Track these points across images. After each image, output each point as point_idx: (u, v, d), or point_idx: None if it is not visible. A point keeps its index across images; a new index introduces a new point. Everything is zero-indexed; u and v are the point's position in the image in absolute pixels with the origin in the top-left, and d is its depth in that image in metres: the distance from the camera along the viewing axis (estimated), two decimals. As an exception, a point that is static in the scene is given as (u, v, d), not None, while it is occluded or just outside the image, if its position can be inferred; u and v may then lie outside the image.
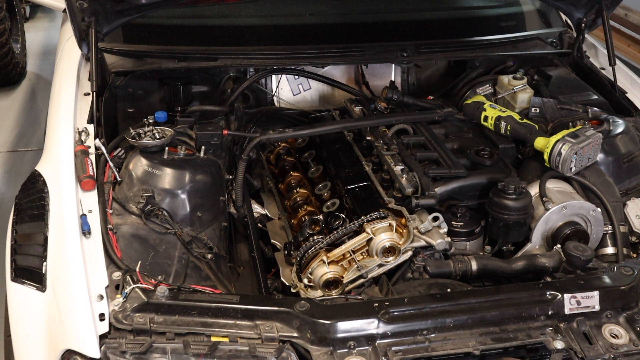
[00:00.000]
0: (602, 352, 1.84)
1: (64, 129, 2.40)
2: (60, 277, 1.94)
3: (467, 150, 2.57)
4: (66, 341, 1.81)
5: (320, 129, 2.71)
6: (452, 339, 1.85)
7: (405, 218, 2.25)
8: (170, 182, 2.28)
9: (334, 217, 2.36)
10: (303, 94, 3.26)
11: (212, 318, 1.83)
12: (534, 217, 2.34)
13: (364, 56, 2.96)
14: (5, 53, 5.80)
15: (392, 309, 1.87)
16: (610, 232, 2.39)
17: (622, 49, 6.27)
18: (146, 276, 1.94)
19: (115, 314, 1.82)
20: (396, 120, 2.73)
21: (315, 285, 2.21)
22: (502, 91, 2.94)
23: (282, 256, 2.47)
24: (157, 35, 3.02)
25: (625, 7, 6.37)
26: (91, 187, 2.19)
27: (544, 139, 2.46)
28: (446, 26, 3.32)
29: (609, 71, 3.05)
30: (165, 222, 2.21)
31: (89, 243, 2.02)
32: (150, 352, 1.76)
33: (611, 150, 2.55)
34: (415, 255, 2.24)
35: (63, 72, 2.79)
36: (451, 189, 2.40)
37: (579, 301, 1.93)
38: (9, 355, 1.95)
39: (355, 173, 2.55)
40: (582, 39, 3.19)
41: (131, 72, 2.83)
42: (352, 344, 1.82)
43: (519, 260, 2.23)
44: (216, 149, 2.55)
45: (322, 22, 3.25)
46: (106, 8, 2.61)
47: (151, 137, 2.39)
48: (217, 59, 2.83)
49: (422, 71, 3.36)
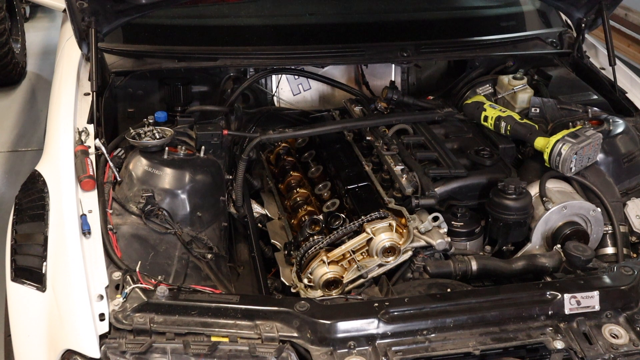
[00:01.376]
0: (602, 352, 1.84)
1: (64, 129, 2.40)
2: (60, 277, 1.94)
3: (467, 150, 2.57)
4: (66, 341, 1.81)
5: (320, 129, 2.71)
6: (452, 339, 1.85)
7: (405, 218, 2.25)
8: (170, 182, 2.28)
9: (334, 217, 2.36)
10: (303, 94, 3.26)
11: (212, 318, 1.83)
12: (534, 217, 2.34)
13: (364, 56, 2.96)
14: (5, 53, 5.80)
15: (392, 309, 1.87)
16: (610, 232, 2.39)
17: (622, 49, 6.27)
18: (146, 276, 1.94)
19: (115, 314, 1.82)
20: (396, 120, 2.74)
21: (315, 285, 2.21)
22: (502, 91, 2.94)
23: (282, 256, 2.47)
24: (157, 35, 3.02)
25: (625, 7, 6.37)
26: (91, 187, 2.19)
27: (544, 139, 2.46)
28: (446, 26, 3.32)
29: (609, 71, 3.05)
30: (165, 222, 2.21)
31: (89, 243, 2.02)
32: (150, 352, 1.75)
33: (611, 150, 2.55)
34: (415, 255, 2.24)
35: (63, 72, 2.79)
36: (451, 189, 2.40)
37: (579, 301, 1.93)
38: (9, 355, 1.95)
39: (355, 173, 2.55)
40: (582, 39, 3.19)
41: (131, 72, 2.83)
42: (352, 344, 1.82)
43: (519, 260, 2.23)
44: (216, 149, 2.55)
45: (322, 22, 3.25)
46: (106, 8, 2.61)
47: (151, 137, 2.39)
48: (217, 59, 2.83)
49: (422, 71, 3.36)
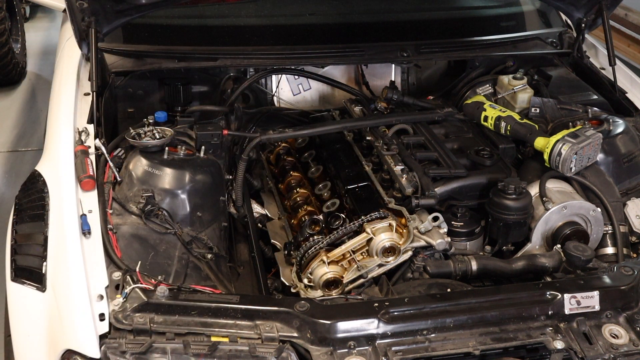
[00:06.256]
0: (602, 352, 1.84)
1: (64, 129, 2.40)
2: (60, 277, 1.94)
3: (467, 150, 2.57)
4: (66, 341, 1.81)
5: (320, 129, 2.71)
6: (452, 339, 1.85)
7: (405, 218, 2.25)
8: (170, 182, 2.28)
9: (334, 217, 2.36)
10: (303, 94, 3.26)
11: (212, 318, 1.83)
12: (534, 217, 2.34)
13: (364, 56, 2.96)
14: (5, 53, 5.80)
15: (392, 309, 1.87)
16: (610, 232, 2.39)
17: (622, 49, 6.27)
18: (146, 276, 1.94)
19: (115, 314, 1.82)
20: (396, 120, 2.74)
21: (315, 285, 2.21)
22: (502, 91, 2.94)
23: (282, 256, 2.47)
24: (157, 35, 3.02)
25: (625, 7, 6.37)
26: (91, 187, 2.19)
27: (544, 139, 2.46)
28: (446, 26, 3.32)
29: (609, 71, 3.05)
30: (165, 222, 2.21)
31: (89, 243, 2.02)
32: (150, 352, 1.76)
33: (611, 150, 2.55)
34: (415, 255, 2.24)
35: (63, 72, 2.79)
36: (451, 189, 2.40)
37: (579, 301, 1.93)
38: (9, 355, 1.95)
39: (355, 173, 2.55)
40: (582, 39, 3.19)
41: (131, 72, 2.83)
42: (352, 344, 1.82)
43: (519, 260, 2.23)
44: (216, 149, 2.55)
45: (322, 22, 3.25)
46: (106, 8, 2.60)
47: (151, 137, 2.39)
48: (217, 59, 2.83)
49: (422, 71, 3.36)
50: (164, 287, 1.88)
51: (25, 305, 1.94)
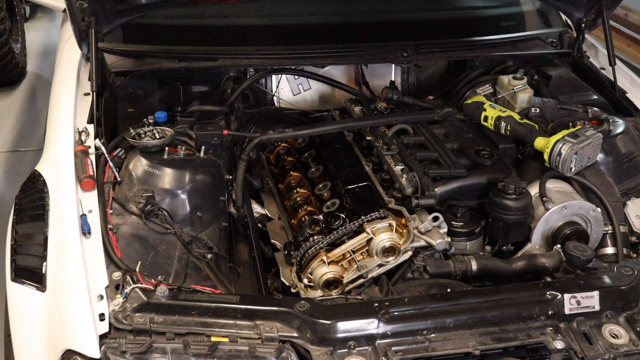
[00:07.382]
0: (602, 352, 1.84)
1: (64, 129, 2.40)
2: (60, 277, 1.94)
3: (467, 150, 2.57)
4: (66, 341, 1.81)
5: (320, 129, 2.71)
6: (452, 339, 1.85)
7: (405, 218, 2.25)
8: (170, 182, 2.28)
9: (334, 217, 2.36)
10: (303, 94, 3.26)
11: (212, 318, 1.83)
12: (534, 217, 2.34)
13: (364, 56, 2.96)
14: (5, 53, 5.80)
15: (392, 309, 1.87)
16: (610, 232, 2.39)
17: (622, 49, 6.27)
18: (146, 276, 1.94)
19: (115, 314, 1.82)
20: (396, 120, 2.74)
21: (315, 285, 2.21)
22: (502, 91, 2.94)
23: (282, 256, 2.46)
24: (157, 35, 3.02)
25: (625, 7, 6.37)
26: (91, 187, 2.19)
27: (544, 139, 2.46)
28: (446, 26, 3.32)
29: (609, 71, 3.05)
30: (165, 222, 2.21)
31: (89, 243, 2.02)
32: (150, 352, 1.76)
33: (611, 150, 2.55)
34: (415, 255, 2.24)
35: (63, 72, 2.79)
36: (451, 189, 2.40)
37: (579, 301, 1.93)
38: (9, 355, 1.95)
39: (355, 173, 2.55)
40: (582, 39, 3.19)
41: (131, 72, 2.83)
42: (352, 344, 1.82)
43: (519, 260, 2.23)
44: (216, 149, 2.55)
45: (322, 22, 3.25)
46: (106, 8, 2.61)
47: (151, 137, 2.39)
48: (217, 59, 2.83)
49: (422, 71, 3.36)
50: (164, 287, 1.88)
51: (25, 305, 1.94)
